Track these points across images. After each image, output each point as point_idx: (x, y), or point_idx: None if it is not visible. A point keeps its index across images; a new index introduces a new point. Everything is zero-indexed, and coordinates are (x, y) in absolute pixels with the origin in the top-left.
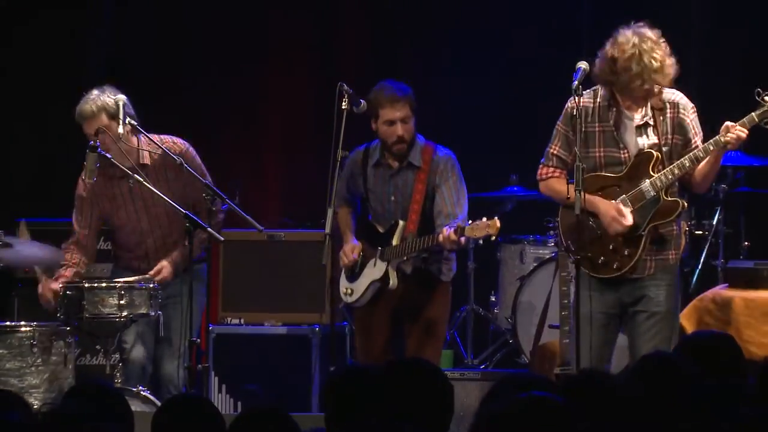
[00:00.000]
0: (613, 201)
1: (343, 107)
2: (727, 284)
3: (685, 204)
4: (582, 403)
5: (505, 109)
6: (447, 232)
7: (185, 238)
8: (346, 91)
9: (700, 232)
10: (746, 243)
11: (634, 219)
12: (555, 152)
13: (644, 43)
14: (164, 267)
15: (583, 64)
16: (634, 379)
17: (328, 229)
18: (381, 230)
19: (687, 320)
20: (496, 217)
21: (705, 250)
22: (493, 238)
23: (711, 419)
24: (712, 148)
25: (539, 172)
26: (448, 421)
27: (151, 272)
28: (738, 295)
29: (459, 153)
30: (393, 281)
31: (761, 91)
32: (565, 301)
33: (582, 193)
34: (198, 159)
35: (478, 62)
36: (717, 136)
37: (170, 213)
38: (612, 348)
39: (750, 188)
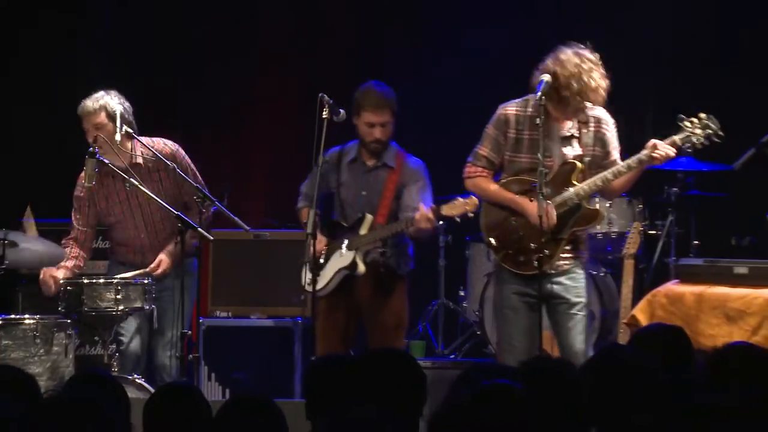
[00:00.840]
0: (548, 201)
1: (324, 116)
2: (678, 280)
3: (603, 213)
4: (541, 390)
5: (477, 112)
6: (424, 209)
7: (177, 233)
8: (327, 102)
9: (654, 232)
10: (696, 242)
11: (557, 222)
12: (484, 153)
13: (584, 64)
14: (163, 260)
15: (546, 77)
16: (589, 370)
17: (309, 229)
18: (345, 225)
19: (641, 313)
20: (471, 195)
21: (658, 248)
22: (471, 214)
23: (663, 407)
24: (634, 165)
25: (467, 170)
26: (422, 407)
27: (152, 266)
28: (688, 290)
29: (435, 155)
30: (361, 267)
31: (683, 117)
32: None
33: (543, 197)
34: (187, 159)
35: (456, 67)
36: (641, 153)
37: (163, 212)
38: (540, 331)
39: (700, 191)
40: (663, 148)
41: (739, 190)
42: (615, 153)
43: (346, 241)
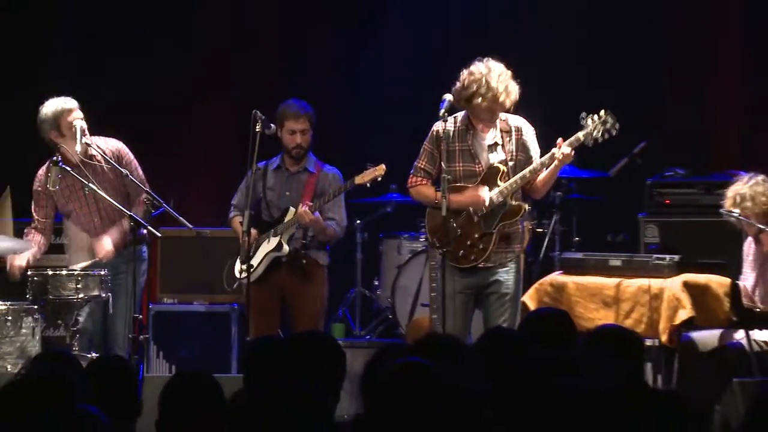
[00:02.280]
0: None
1: (257, 130)
2: (561, 271)
3: (527, 207)
4: (446, 364)
5: (390, 129)
6: (302, 207)
7: (127, 220)
8: (260, 117)
9: (541, 230)
10: (577, 239)
11: (486, 220)
12: (422, 166)
13: (491, 73)
14: (107, 249)
15: (448, 96)
16: (478, 351)
17: (245, 227)
18: (272, 219)
19: (530, 300)
20: (381, 164)
21: (545, 244)
22: (380, 179)
23: (547, 384)
24: (546, 161)
25: (410, 180)
26: (342, 380)
27: (100, 255)
28: (570, 279)
29: (351, 163)
30: (285, 247)
31: (585, 115)
32: (434, 285)
33: (447, 200)
34: (131, 155)
35: (371, 88)
36: (551, 151)
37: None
38: (470, 320)
39: (580, 195)
40: (561, 149)
41: (613, 194)
42: (536, 156)
43: (273, 230)
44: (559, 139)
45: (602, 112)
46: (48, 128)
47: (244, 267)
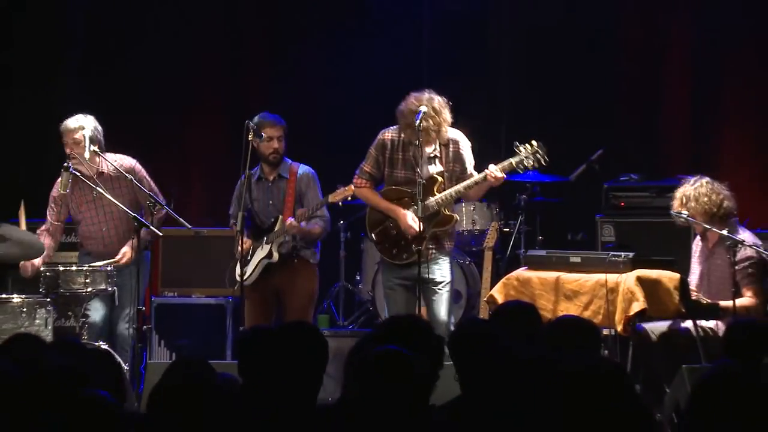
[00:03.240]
0: (408, 210)
1: (249, 138)
2: (526, 267)
3: (456, 217)
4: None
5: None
6: (288, 220)
7: (134, 230)
8: (252, 127)
9: (508, 230)
10: (540, 237)
11: (422, 224)
12: (367, 169)
13: (432, 102)
14: (126, 253)
15: (423, 108)
16: (458, 339)
17: (238, 227)
18: (263, 227)
19: (498, 293)
20: (350, 186)
21: (511, 242)
22: (350, 198)
23: (512, 362)
24: (480, 180)
25: (354, 181)
26: (324, 366)
27: (117, 257)
28: (534, 275)
29: (329, 166)
30: (275, 255)
31: (518, 144)
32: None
33: (420, 203)
34: (143, 172)
35: (344, 99)
36: (483, 172)
37: (121, 210)
38: (416, 307)
39: (543, 198)
40: (495, 173)
41: (573, 197)
42: (470, 168)
43: (264, 238)
44: (491, 165)
45: (534, 143)
46: (63, 140)
47: (239, 273)
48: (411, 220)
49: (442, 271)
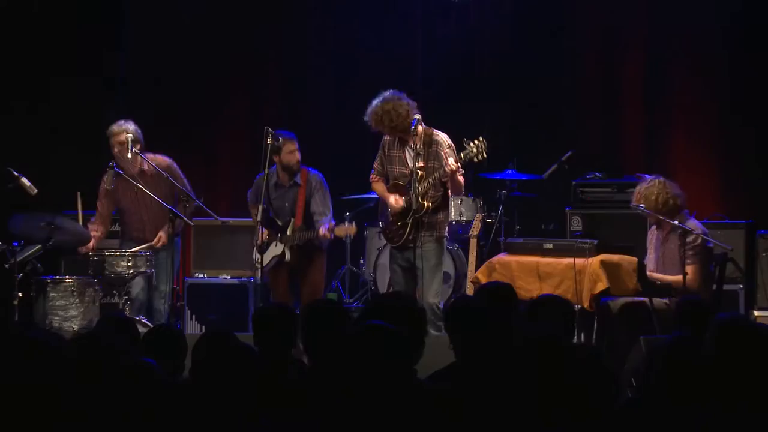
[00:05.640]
0: (393, 194)
1: (268, 142)
2: (506, 252)
3: (430, 205)
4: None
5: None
6: (322, 231)
7: (169, 219)
8: (270, 132)
9: (490, 220)
10: (518, 227)
11: (404, 212)
12: (376, 166)
13: (386, 104)
14: (161, 237)
15: (417, 116)
16: (453, 313)
17: (258, 218)
18: (280, 223)
19: (482, 275)
20: (353, 224)
21: (493, 231)
22: (351, 238)
23: (496, 334)
24: (443, 173)
25: (370, 177)
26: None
27: (154, 241)
28: (513, 259)
29: (338, 168)
30: (288, 256)
31: (466, 139)
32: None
33: (415, 196)
34: (179, 170)
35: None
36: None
37: (158, 203)
38: (415, 286)
39: (520, 193)
40: (451, 164)
41: (546, 192)
42: (446, 165)
43: (279, 236)
44: (450, 159)
45: (480, 139)
46: (110, 142)
47: (256, 259)
48: (393, 200)
49: (431, 256)
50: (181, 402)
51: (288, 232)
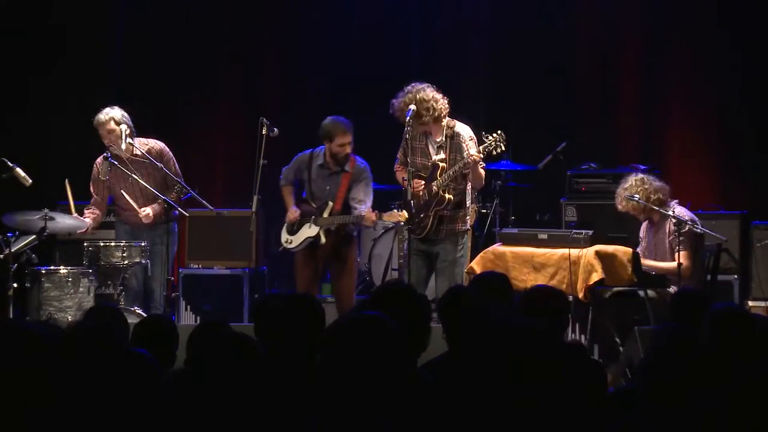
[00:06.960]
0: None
1: (263, 133)
2: (501, 243)
3: (451, 197)
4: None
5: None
6: (370, 213)
7: (162, 207)
8: (265, 123)
9: (485, 211)
10: (513, 217)
11: (427, 205)
12: (399, 156)
13: (419, 93)
14: (148, 213)
15: (413, 107)
16: (442, 302)
17: (253, 209)
18: (314, 205)
19: (477, 265)
20: (404, 211)
21: (488, 221)
22: (402, 223)
23: (491, 326)
24: (462, 165)
25: (394, 166)
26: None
27: (142, 215)
28: (508, 249)
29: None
30: (323, 239)
31: (485, 133)
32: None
33: (411, 186)
34: (170, 154)
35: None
36: (465, 160)
37: (150, 188)
38: (428, 277)
39: (515, 183)
40: (473, 155)
41: (541, 183)
42: (471, 155)
43: (314, 218)
44: (472, 150)
45: (499, 132)
46: (99, 133)
47: (287, 239)
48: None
49: (449, 249)
50: (176, 392)
51: (324, 215)
